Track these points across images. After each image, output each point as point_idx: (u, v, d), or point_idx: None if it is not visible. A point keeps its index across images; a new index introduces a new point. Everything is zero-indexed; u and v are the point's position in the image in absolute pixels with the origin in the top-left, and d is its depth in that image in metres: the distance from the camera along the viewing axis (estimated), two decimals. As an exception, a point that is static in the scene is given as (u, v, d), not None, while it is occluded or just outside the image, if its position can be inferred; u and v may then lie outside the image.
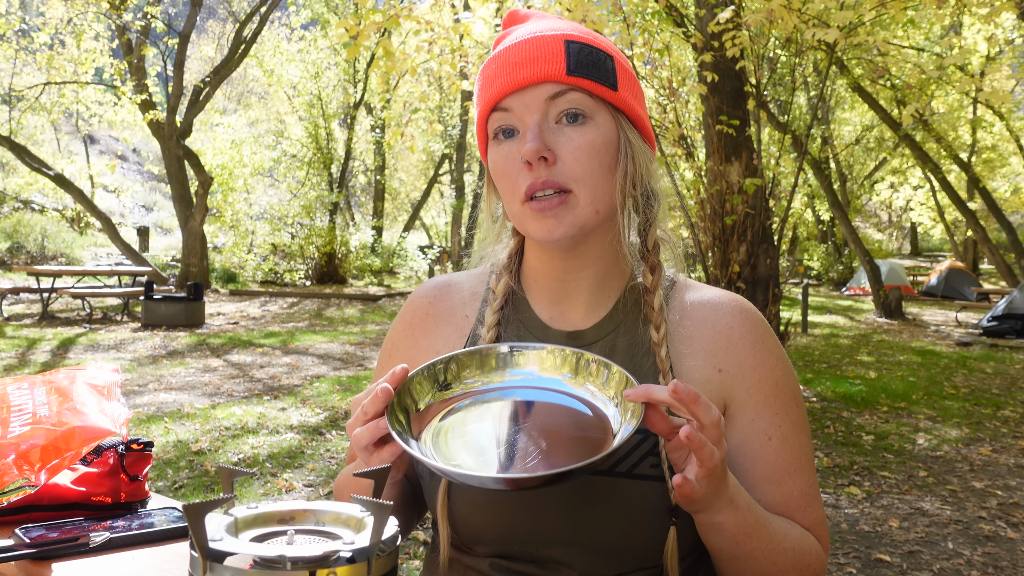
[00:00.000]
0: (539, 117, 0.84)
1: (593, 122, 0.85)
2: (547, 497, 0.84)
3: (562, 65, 0.84)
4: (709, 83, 6.29)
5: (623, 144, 0.87)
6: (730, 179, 6.41)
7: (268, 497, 3.88)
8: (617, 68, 0.87)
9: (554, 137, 0.84)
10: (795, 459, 0.89)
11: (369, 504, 0.62)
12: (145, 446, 1.11)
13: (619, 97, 0.86)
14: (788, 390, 0.92)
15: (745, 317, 0.92)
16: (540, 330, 0.94)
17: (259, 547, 0.59)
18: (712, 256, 6.67)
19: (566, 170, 0.84)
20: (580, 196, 0.84)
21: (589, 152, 0.84)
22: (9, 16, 13.85)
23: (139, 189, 28.17)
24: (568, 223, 0.85)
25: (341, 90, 21.20)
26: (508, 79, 0.85)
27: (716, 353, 0.90)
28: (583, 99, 0.84)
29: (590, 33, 0.88)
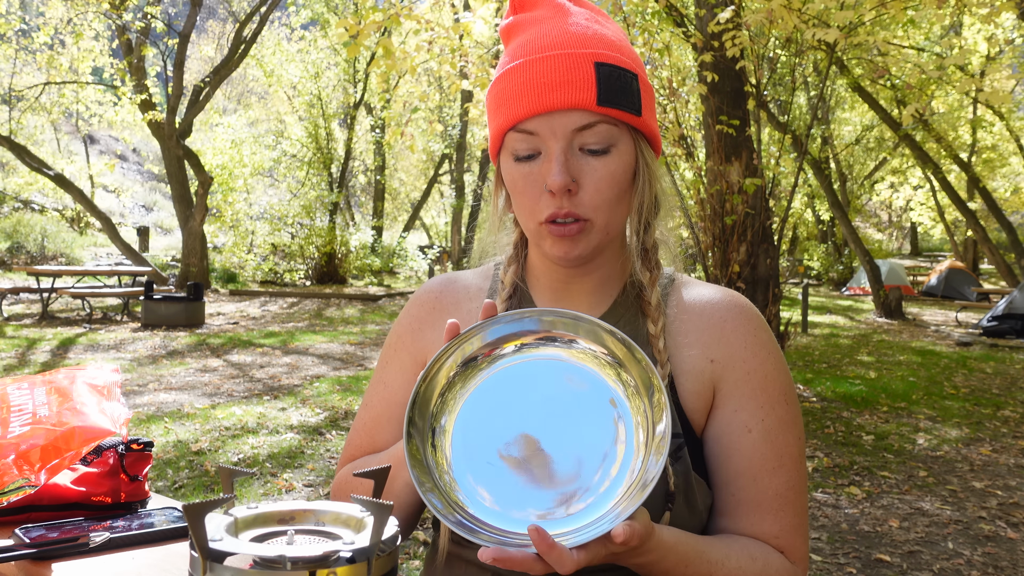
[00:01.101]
0: (565, 145, 0.84)
1: (616, 150, 0.85)
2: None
3: (592, 94, 0.82)
4: (709, 83, 6.29)
5: (641, 167, 0.88)
6: (730, 179, 6.41)
7: (268, 497, 3.88)
8: (640, 87, 0.86)
9: (578, 165, 0.84)
10: (775, 456, 0.87)
11: (369, 504, 0.62)
12: (145, 446, 1.11)
13: (642, 121, 0.86)
14: (778, 386, 0.90)
15: (740, 311, 0.93)
16: None
17: (259, 547, 0.59)
18: (712, 256, 6.67)
19: (587, 200, 0.85)
20: (597, 223, 0.86)
21: (610, 183, 0.85)
22: (9, 16, 13.85)
23: (139, 189, 28.17)
24: (583, 247, 0.87)
25: (341, 90, 21.20)
26: (534, 101, 0.83)
27: (710, 344, 0.91)
28: (608, 129, 0.84)
29: (616, 44, 0.86)
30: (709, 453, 0.90)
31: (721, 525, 0.89)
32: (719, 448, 0.89)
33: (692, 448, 0.88)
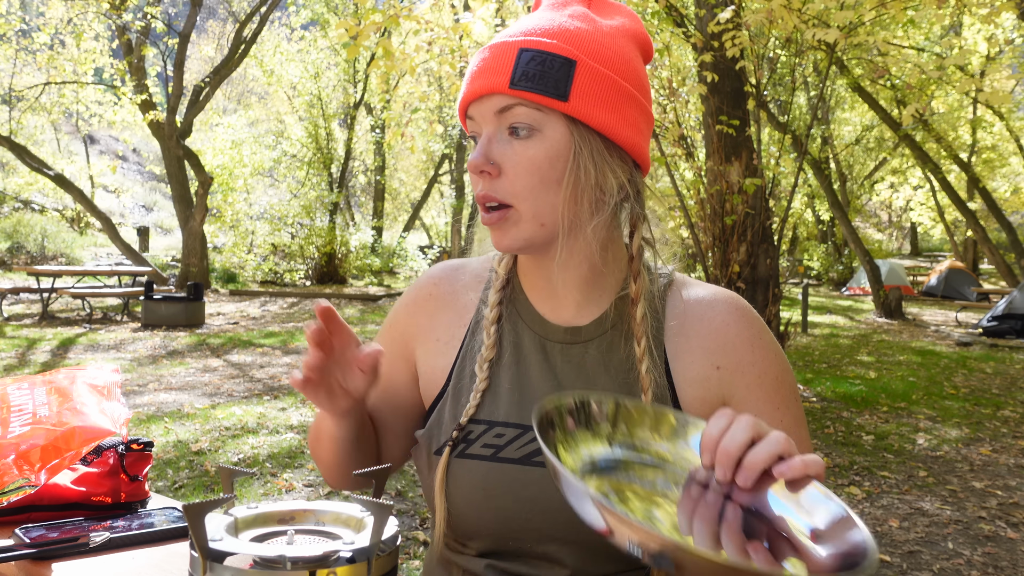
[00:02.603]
0: (492, 129, 0.85)
1: (540, 135, 0.83)
2: (541, 493, 0.85)
3: (506, 77, 0.82)
4: (709, 83, 6.29)
5: (575, 155, 0.84)
6: (730, 179, 6.41)
7: (268, 497, 3.88)
8: (577, 75, 0.83)
9: (501, 150, 0.84)
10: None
11: (369, 504, 0.62)
12: (145, 446, 1.11)
13: (571, 107, 0.83)
14: (788, 386, 0.92)
15: (741, 314, 0.92)
16: (538, 323, 0.93)
17: (259, 547, 0.59)
18: (712, 256, 6.67)
19: (507, 185, 0.84)
20: (522, 211, 0.84)
21: (529, 168, 0.83)
22: (9, 16, 13.85)
23: (139, 189, 28.18)
24: (512, 237, 0.85)
25: (341, 90, 21.19)
26: (469, 88, 0.86)
27: (713, 350, 0.90)
28: (528, 112, 0.83)
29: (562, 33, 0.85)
30: None
31: None
32: None
33: None
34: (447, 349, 0.97)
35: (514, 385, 0.91)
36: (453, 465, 0.88)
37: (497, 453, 0.87)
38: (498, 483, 0.86)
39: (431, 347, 0.99)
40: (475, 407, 0.90)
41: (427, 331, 0.99)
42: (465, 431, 0.90)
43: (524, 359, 0.92)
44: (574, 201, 0.85)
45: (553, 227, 0.86)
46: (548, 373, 0.91)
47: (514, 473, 0.86)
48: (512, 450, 0.87)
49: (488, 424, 0.89)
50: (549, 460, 0.59)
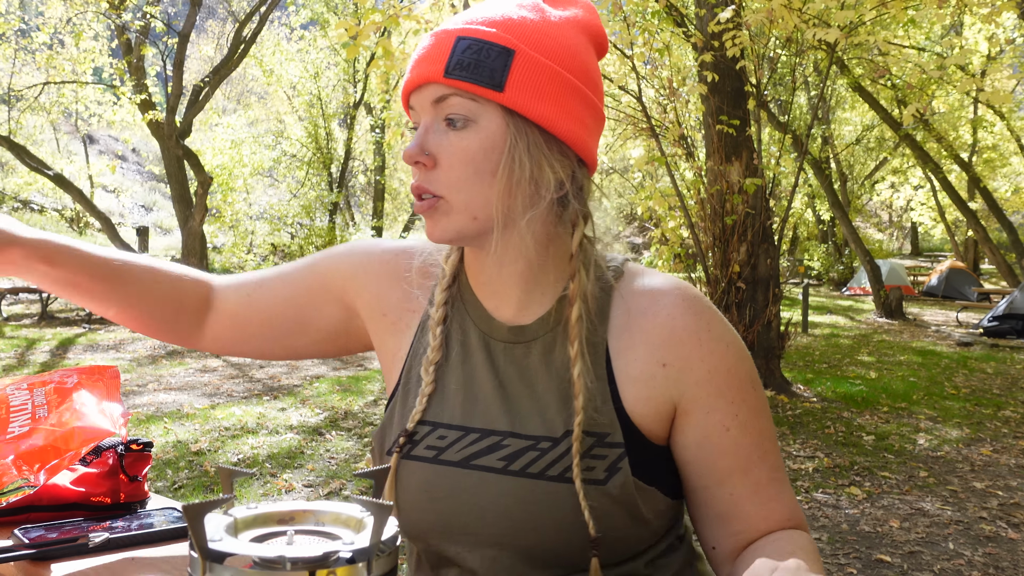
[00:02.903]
0: (429, 120, 0.83)
1: (476, 126, 0.81)
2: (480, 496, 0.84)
3: (441, 66, 0.80)
4: (709, 83, 6.29)
5: (510, 147, 0.81)
6: (730, 179, 6.41)
7: (268, 497, 3.88)
8: (515, 65, 0.80)
9: (437, 140, 0.82)
10: (758, 445, 0.87)
11: (369, 504, 0.62)
12: (144, 446, 1.11)
13: (507, 98, 0.80)
14: (742, 375, 0.87)
15: (688, 305, 0.87)
16: (484, 320, 0.91)
17: (259, 547, 0.58)
18: (712, 256, 6.67)
19: (441, 177, 0.82)
20: (453, 202, 0.82)
21: (463, 159, 0.81)
22: (8, 15, 13.85)
23: (139, 189, 28.18)
24: (443, 228, 0.84)
25: (341, 90, 21.20)
26: (407, 79, 0.84)
27: (658, 346, 0.85)
28: (463, 103, 0.81)
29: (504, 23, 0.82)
30: (688, 459, 0.87)
31: (732, 528, 0.88)
32: (702, 453, 0.86)
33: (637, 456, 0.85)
34: (397, 334, 0.96)
35: (460, 385, 0.89)
36: (400, 467, 0.88)
37: (439, 455, 0.86)
38: (439, 486, 0.85)
39: (379, 320, 0.97)
40: (420, 411, 0.88)
41: (375, 297, 0.97)
42: (412, 432, 0.89)
43: (470, 358, 0.90)
44: (507, 194, 0.82)
45: (486, 220, 0.83)
46: (491, 373, 0.88)
47: (454, 476, 0.85)
48: (453, 452, 0.86)
49: (433, 426, 0.88)
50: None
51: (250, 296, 1.03)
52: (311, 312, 1.00)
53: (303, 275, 1.01)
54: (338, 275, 0.99)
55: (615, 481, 0.82)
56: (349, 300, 0.99)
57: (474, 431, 0.87)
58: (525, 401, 0.87)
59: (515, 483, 0.83)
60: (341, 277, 0.99)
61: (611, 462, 0.83)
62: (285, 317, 1.01)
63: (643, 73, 6.88)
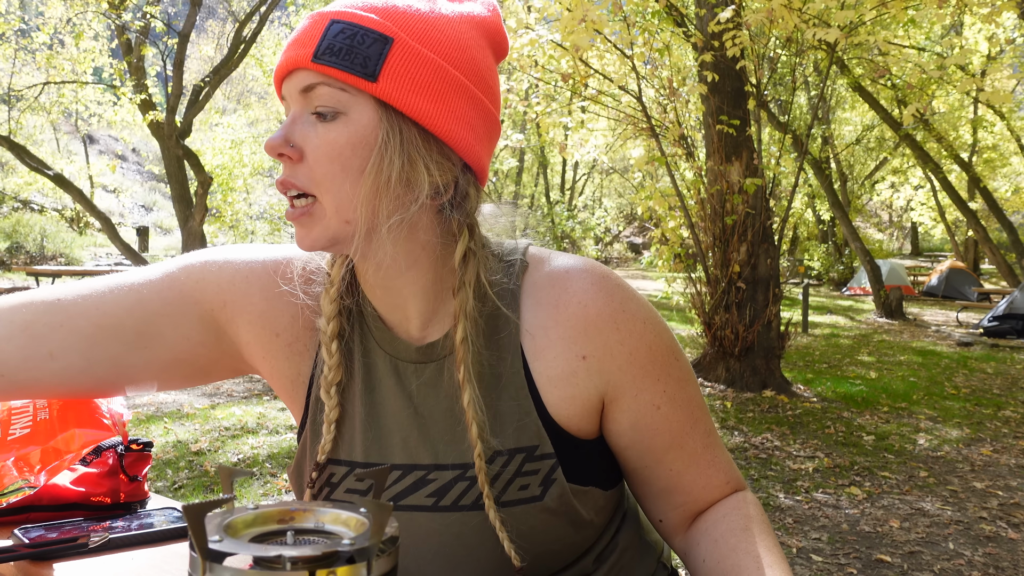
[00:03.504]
0: (298, 109, 0.75)
1: (345, 118, 0.73)
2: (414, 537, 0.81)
3: (310, 51, 0.73)
4: (709, 83, 6.29)
5: (382, 144, 0.73)
6: (730, 179, 6.41)
7: (268, 497, 3.88)
8: (391, 54, 0.73)
9: (304, 132, 0.75)
10: (689, 416, 0.85)
11: (369, 504, 0.62)
12: (144, 446, 1.11)
13: (380, 89, 0.72)
14: (664, 350, 0.83)
15: (598, 288, 0.81)
16: (388, 340, 0.83)
17: (259, 547, 0.58)
18: (712, 256, 6.67)
19: (308, 172, 0.74)
20: (324, 204, 0.74)
21: (330, 154, 0.73)
22: (8, 15, 13.86)
23: (139, 189, 28.18)
24: (316, 235, 0.75)
25: (341, 90, 21.21)
26: (278, 64, 0.77)
27: (575, 339, 0.80)
28: (332, 93, 0.73)
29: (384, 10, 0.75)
30: (624, 444, 0.85)
31: (675, 501, 0.88)
32: (637, 436, 0.84)
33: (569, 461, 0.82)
34: (294, 356, 0.86)
35: (369, 416, 0.82)
36: None
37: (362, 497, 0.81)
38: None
39: (270, 341, 0.86)
40: (330, 442, 0.82)
41: (262, 315, 0.85)
42: (327, 473, 0.82)
43: (379, 384, 0.83)
44: (374, 195, 0.74)
45: (358, 224, 0.75)
46: (405, 400, 0.82)
47: None
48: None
49: (349, 465, 0.82)
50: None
51: (59, 300, 0.85)
52: (165, 325, 0.85)
53: (152, 282, 0.86)
54: (210, 289, 0.86)
55: (552, 493, 0.80)
56: (224, 319, 0.86)
57: (396, 468, 0.81)
58: (445, 427, 0.81)
59: (449, 519, 0.80)
60: (215, 287, 0.86)
61: (544, 474, 0.80)
62: (122, 326, 0.84)
63: (643, 73, 6.88)
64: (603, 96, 7.51)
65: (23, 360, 0.84)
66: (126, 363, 0.86)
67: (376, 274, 0.80)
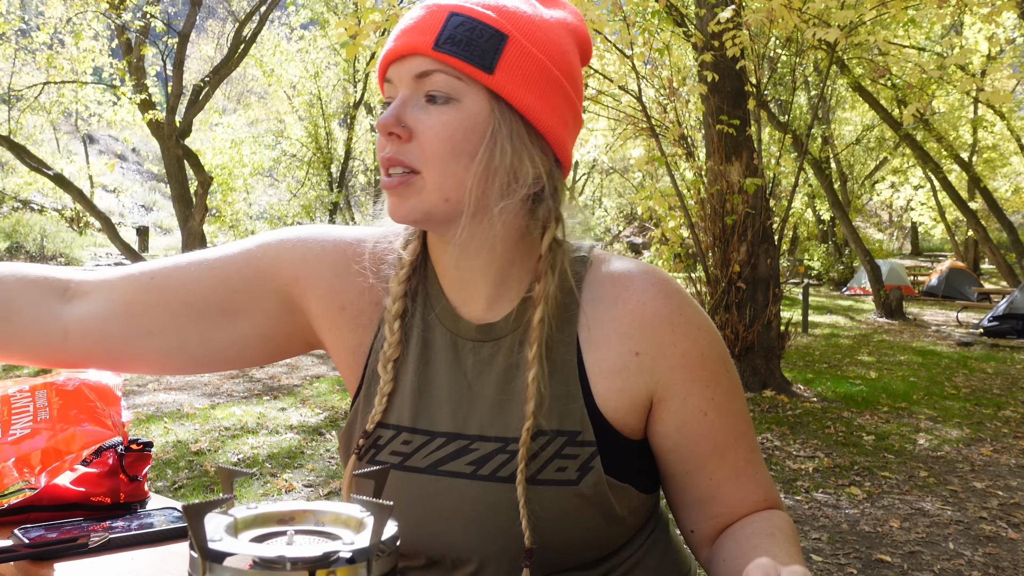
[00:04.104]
0: (407, 92, 0.79)
1: (459, 104, 0.78)
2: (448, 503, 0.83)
3: (431, 38, 0.77)
4: (709, 83, 6.29)
5: (491, 133, 0.78)
6: (730, 179, 6.41)
7: (268, 497, 3.88)
8: (506, 50, 0.78)
9: (415, 114, 0.79)
10: (734, 428, 0.87)
11: (369, 504, 0.62)
12: (144, 446, 1.11)
13: (495, 81, 0.77)
14: (716, 358, 0.86)
15: (658, 290, 0.85)
16: (451, 318, 0.88)
17: (259, 547, 0.58)
18: (712, 256, 6.67)
19: (417, 150, 0.78)
20: (427, 179, 0.78)
21: (442, 135, 0.77)
22: (8, 15, 13.85)
23: (138, 189, 28.18)
24: (411, 205, 0.79)
25: (341, 90, 21.20)
26: (389, 48, 0.81)
27: (631, 335, 0.83)
28: (448, 80, 0.77)
29: (501, 9, 0.80)
30: (668, 447, 0.86)
31: (711, 511, 0.88)
32: (681, 439, 0.85)
33: (609, 454, 0.83)
34: (359, 330, 0.90)
35: (425, 387, 0.86)
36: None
37: (404, 461, 0.84)
38: (405, 493, 0.83)
39: (336, 315, 0.90)
40: (380, 412, 0.86)
41: (331, 290, 0.90)
42: (375, 436, 0.86)
43: (435, 357, 0.87)
44: (484, 180, 0.79)
45: (457, 204, 0.79)
46: (458, 375, 0.86)
47: (421, 483, 0.83)
48: (419, 459, 0.84)
49: (396, 429, 0.85)
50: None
51: (152, 279, 0.91)
52: (246, 301, 0.90)
53: (234, 260, 0.91)
54: (284, 262, 0.91)
55: (587, 480, 0.81)
56: (299, 291, 0.90)
57: (440, 435, 0.84)
58: (493, 403, 0.84)
59: (485, 488, 0.82)
60: (289, 264, 0.91)
61: (583, 461, 0.81)
62: (208, 302, 0.89)
63: (643, 73, 6.88)
64: (603, 96, 7.51)
65: (125, 338, 0.90)
66: (214, 340, 0.91)
67: (459, 256, 0.85)
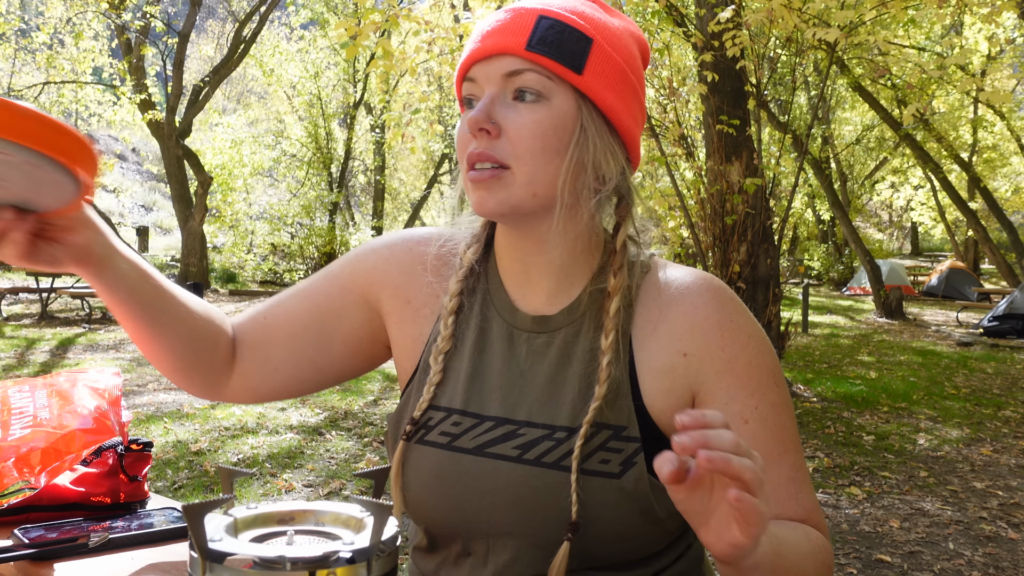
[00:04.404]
0: (495, 90, 0.83)
1: (548, 103, 0.82)
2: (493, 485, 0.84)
3: (523, 39, 0.81)
4: (709, 83, 6.29)
5: (579, 131, 0.83)
6: (730, 179, 6.41)
7: (268, 497, 3.88)
8: (592, 53, 0.83)
9: (503, 111, 0.82)
10: (778, 442, 0.85)
11: (369, 504, 0.62)
12: (144, 446, 1.11)
13: (584, 82, 0.82)
14: (764, 369, 0.86)
15: (712, 296, 0.87)
16: (508, 311, 0.91)
17: (259, 547, 0.58)
18: (712, 256, 6.67)
19: (507, 146, 0.82)
20: (517, 174, 0.82)
21: (533, 131, 0.81)
22: (8, 15, 13.85)
23: (138, 189, 28.17)
24: (500, 199, 0.82)
25: (341, 90, 21.20)
26: (476, 48, 0.84)
27: (680, 336, 0.85)
28: (539, 79, 0.82)
29: (580, 12, 0.85)
30: None
31: None
32: None
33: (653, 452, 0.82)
34: (419, 321, 0.94)
35: (475, 373, 0.89)
36: (412, 451, 0.88)
37: (452, 442, 0.86)
38: (451, 472, 0.85)
39: (403, 309, 0.95)
40: (428, 400, 0.89)
41: (400, 286, 0.95)
42: (426, 416, 0.89)
43: (490, 346, 0.90)
44: (575, 176, 0.84)
45: (545, 200, 0.83)
46: (512, 363, 0.89)
47: (467, 463, 0.85)
48: (467, 440, 0.86)
49: (447, 411, 0.88)
50: None
51: (265, 319, 0.98)
52: (335, 320, 0.96)
53: (320, 285, 0.98)
54: (359, 272, 0.97)
55: (630, 476, 0.82)
56: (374, 295, 0.96)
57: (489, 419, 0.87)
58: (544, 391, 0.87)
59: (529, 471, 0.83)
60: (363, 272, 0.97)
61: (627, 456, 0.82)
62: (308, 330, 0.96)
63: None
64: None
65: (260, 377, 0.97)
66: (321, 363, 0.97)
67: (531, 251, 0.89)
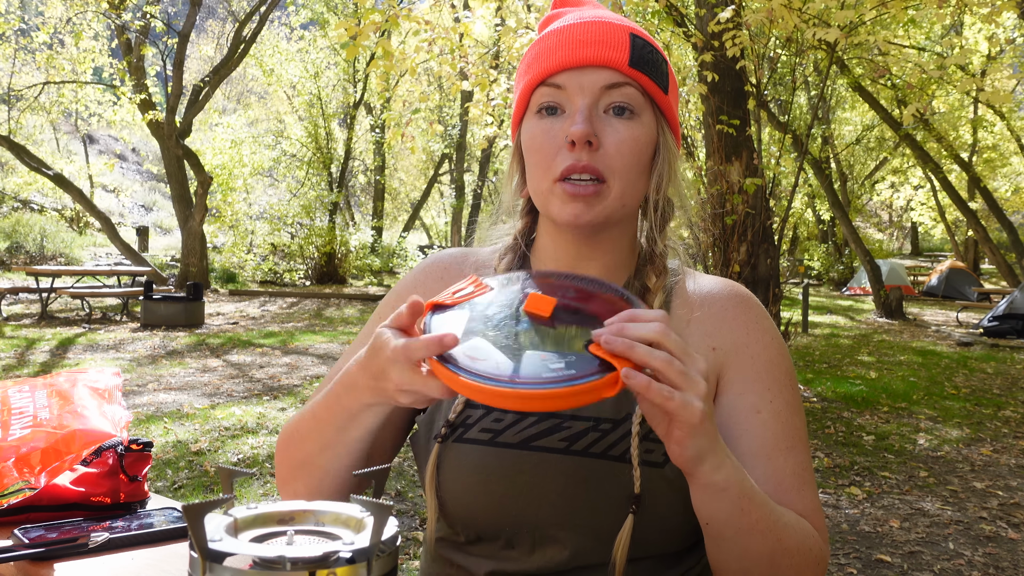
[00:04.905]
0: (590, 102, 0.85)
1: (639, 119, 0.87)
2: (539, 478, 0.84)
3: (626, 55, 0.85)
4: (709, 83, 6.29)
5: (661, 146, 0.90)
6: (730, 179, 6.41)
7: (268, 497, 3.88)
8: (670, 74, 0.90)
9: (600, 125, 0.85)
10: (787, 437, 0.87)
11: (369, 504, 0.62)
12: (144, 446, 1.11)
13: (667, 100, 0.89)
14: (782, 370, 0.91)
15: (740, 299, 0.94)
16: None
17: (259, 547, 0.58)
18: (712, 256, 6.67)
19: (607, 160, 0.85)
20: (613, 188, 0.86)
21: (632, 147, 0.86)
22: (8, 15, 13.85)
23: (138, 189, 28.17)
24: (596, 212, 0.86)
25: (341, 90, 21.21)
26: (568, 55, 0.86)
27: (710, 332, 0.91)
28: (636, 95, 0.86)
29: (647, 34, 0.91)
30: None
31: None
32: (727, 432, 0.87)
33: None
34: None
35: None
36: (450, 450, 0.88)
37: (495, 438, 0.87)
38: (495, 468, 0.86)
39: None
40: (462, 403, 0.89)
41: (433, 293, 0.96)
42: (463, 415, 0.89)
43: None
44: (655, 190, 0.91)
45: (631, 209, 0.89)
46: None
47: (512, 458, 0.86)
48: (511, 435, 0.87)
49: (487, 409, 0.88)
50: None
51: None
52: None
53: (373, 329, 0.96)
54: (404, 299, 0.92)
55: (672, 464, 0.83)
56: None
57: (532, 414, 0.88)
58: None
59: (579, 462, 0.85)
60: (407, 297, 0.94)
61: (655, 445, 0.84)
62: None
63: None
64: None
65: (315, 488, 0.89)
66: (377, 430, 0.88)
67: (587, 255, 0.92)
